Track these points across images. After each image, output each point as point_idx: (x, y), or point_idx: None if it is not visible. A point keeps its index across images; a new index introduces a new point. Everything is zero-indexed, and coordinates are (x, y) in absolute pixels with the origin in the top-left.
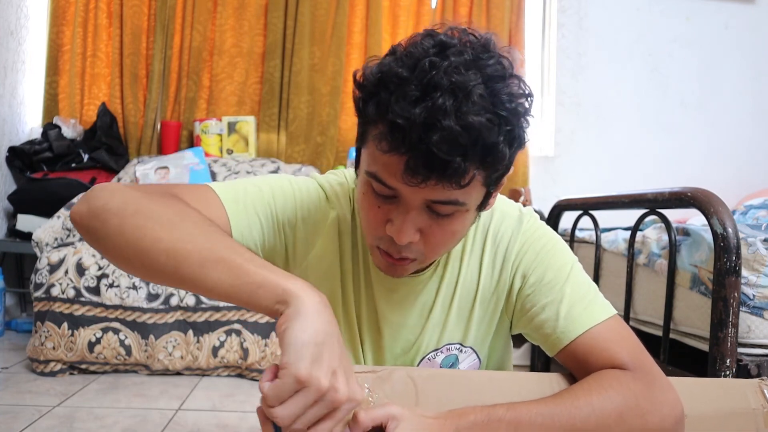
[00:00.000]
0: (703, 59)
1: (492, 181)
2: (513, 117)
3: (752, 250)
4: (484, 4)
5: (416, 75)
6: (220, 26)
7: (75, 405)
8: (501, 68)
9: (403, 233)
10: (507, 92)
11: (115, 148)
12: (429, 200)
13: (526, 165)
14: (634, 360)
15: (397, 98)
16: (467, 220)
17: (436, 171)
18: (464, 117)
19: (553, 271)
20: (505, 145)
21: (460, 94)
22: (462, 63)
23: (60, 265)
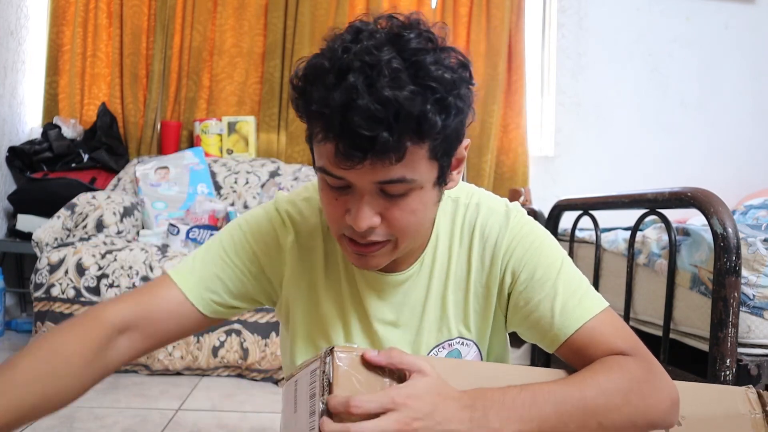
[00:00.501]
0: (703, 59)
1: (440, 154)
2: (442, 85)
3: (752, 250)
4: (484, 4)
5: (332, 63)
6: (220, 26)
7: (75, 405)
8: (425, 42)
9: (359, 219)
10: (433, 63)
11: (115, 148)
12: (377, 182)
13: (526, 165)
14: (632, 348)
15: (317, 88)
16: (425, 198)
17: (366, 150)
18: (379, 92)
19: (544, 268)
20: (435, 114)
21: (372, 71)
22: (375, 43)
23: (60, 265)
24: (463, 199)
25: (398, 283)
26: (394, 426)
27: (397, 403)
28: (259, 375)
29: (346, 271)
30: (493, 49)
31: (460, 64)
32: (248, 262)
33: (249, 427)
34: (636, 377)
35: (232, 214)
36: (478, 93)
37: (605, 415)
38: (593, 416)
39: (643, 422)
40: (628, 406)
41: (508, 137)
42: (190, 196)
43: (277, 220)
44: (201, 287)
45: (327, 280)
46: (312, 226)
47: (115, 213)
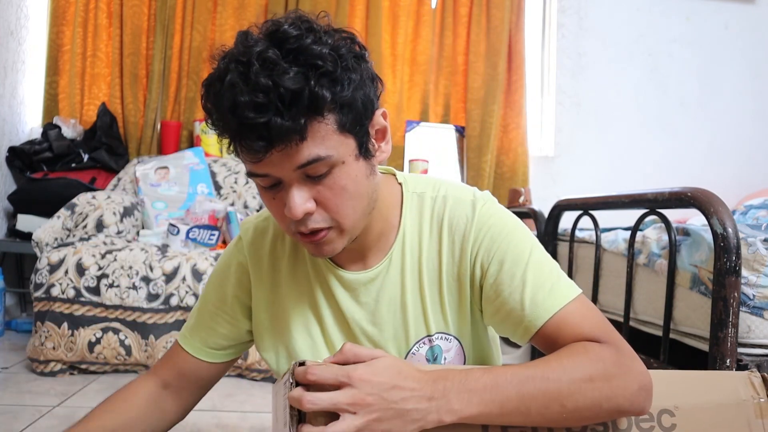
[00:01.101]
0: (703, 59)
1: (349, 125)
2: (325, 61)
3: (752, 250)
4: (484, 4)
5: (216, 74)
6: (220, 26)
7: (75, 405)
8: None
9: (292, 208)
10: (313, 43)
11: (115, 148)
12: (296, 168)
13: (526, 165)
14: (603, 334)
15: (211, 101)
16: (352, 172)
17: (266, 138)
18: (255, 82)
19: (512, 258)
20: (323, 88)
21: (242, 67)
22: (249, 43)
23: (60, 265)
24: (430, 193)
25: (368, 281)
26: (347, 400)
27: (353, 378)
28: (259, 375)
29: (317, 276)
30: (493, 49)
31: (345, 39)
32: (230, 303)
33: (249, 427)
34: (602, 360)
35: (232, 214)
36: (476, 90)
37: (568, 398)
38: (556, 398)
39: (609, 406)
40: (592, 389)
41: (508, 137)
42: (190, 196)
43: (236, 249)
44: (203, 345)
45: (296, 287)
46: (272, 239)
47: (115, 213)
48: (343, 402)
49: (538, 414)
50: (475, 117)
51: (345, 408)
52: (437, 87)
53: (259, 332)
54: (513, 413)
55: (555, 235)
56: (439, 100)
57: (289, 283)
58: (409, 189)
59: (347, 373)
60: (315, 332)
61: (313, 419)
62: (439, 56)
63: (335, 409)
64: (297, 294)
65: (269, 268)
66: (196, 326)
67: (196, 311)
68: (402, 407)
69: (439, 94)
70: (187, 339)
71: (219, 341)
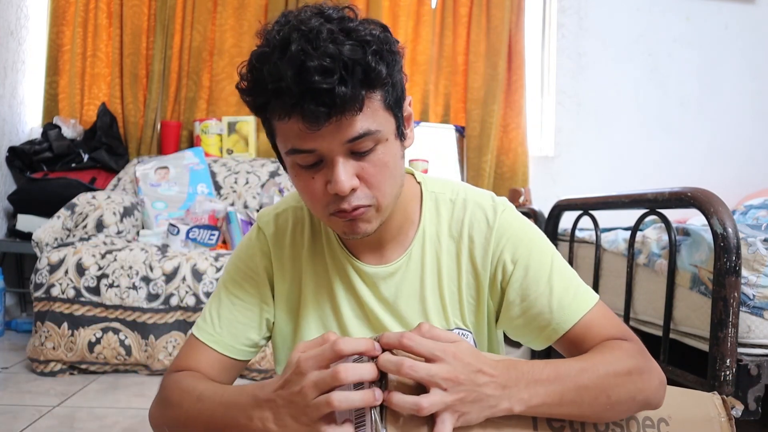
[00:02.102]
0: (703, 59)
1: (392, 103)
2: (372, 39)
3: (752, 250)
4: (484, 4)
5: (271, 45)
6: (220, 26)
7: (75, 405)
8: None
9: (340, 183)
10: (358, 25)
11: (115, 148)
12: (345, 142)
13: (526, 165)
14: (625, 335)
15: (266, 70)
16: (392, 150)
17: (329, 105)
18: (323, 49)
19: (537, 264)
20: (377, 63)
21: (311, 35)
22: (304, 18)
23: (60, 265)
24: (449, 195)
25: (388, 275)
26: (443, 374)
27: (447, 354)
28: (259, 375)
29: (335, 267)
30: (493, 49)
31: (380, 26)
32: (255, 290)
33: None
34: (633, 356)
35: (232, 214)
36: (476, 90)
37: (613, 390)
38: (604, 391)
39: (641, 399)
40: (630, 382)
41: (508, 137)
42: (190, 196)
43: (257, 241)
44: (234, 342)
45: (315, 278)
46: (292, 230)
47: (115, 213)
48: (438, 375)
49: (588, 405)
50: (475, 117)
51: (438, 382)
52: (437, 87)
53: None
54: (569, 404)
55: (555, 235)
56: (439, 100)
57: (309, 274)
58: (428, 188)
59: (443, 348)
60: (331, 323)
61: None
62: (439, 56)
63: (429, 381)
64: (316, 285)
65: (290, 258)
66: (226, 323)
67: (219, 307)
68: (483, 392)
69: (439, 94)
70: (211, 336)
71: (252, 337)
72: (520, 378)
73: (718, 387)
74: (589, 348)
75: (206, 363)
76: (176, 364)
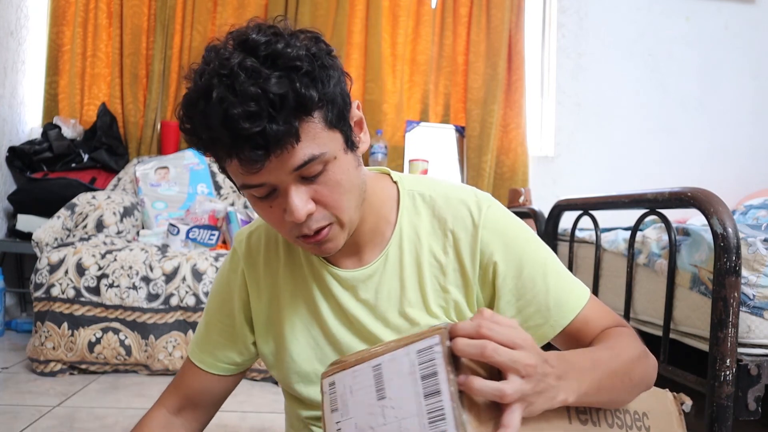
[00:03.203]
0: (703, 59)
1: (334, 121)
2: (303, 62)
3: (752, 250)
4: (484, 4)
5: (197, 92)
6: (220, 26)
7: (75, 405)
8: (271, 35)
9: (295, 212)
10: (286, 47)
11: (115, 148)
12: (292, 171)
13: (526, 165)
14: (620, 322)
15: (196, 120)
16: (343, 166)
17: (263, 146)
18: (244, 92)
19: (531, 263)
20: (308, 88)
21: (230, 78)
22: (225, 56)
23: (60, 265)
24: (428, 192)
25: (366, 278)
26: (526, 361)
27: (527, 342)
28: (259, 375)
29: (313, 276)
30: (493, 49)
31: (312, 39)
32: (237, 319)
33: (249, 427)
34: (637, 341)
35: (232, 214)
36: (476, 90)
37: (634, 372)
38: (627, 374)
39: (648, 380)
40: (644, 364)
41: (508, 137)
42: (190, 196)
43: (232, 262)
44: (213, 358)
45: (293, 290)
46: (266, 246)
47: (115, 213)
48: (521, 362)
49: (617, 390)
50: (475, 117)
51: (519, 369)
52: (437, 87)
53: (260, 338)
54: (605, 390)
55: (555, 235)
56: (439, 100)
57: (287, 286)
58: (405, 187)
59: (523, 335)
60: (315, 332)
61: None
62: (439, 56)
63: (511, 366)
64: (294, 296)
65: (265, 275)
66: (207, 343)
67: (203, 327)
68: (548, 383)
69: (439, 94)
70: (198, 355)
71: (232, 357)
72: (570, 369)
73: (718, 387)
74: (589, 340)
75: (195, 382)
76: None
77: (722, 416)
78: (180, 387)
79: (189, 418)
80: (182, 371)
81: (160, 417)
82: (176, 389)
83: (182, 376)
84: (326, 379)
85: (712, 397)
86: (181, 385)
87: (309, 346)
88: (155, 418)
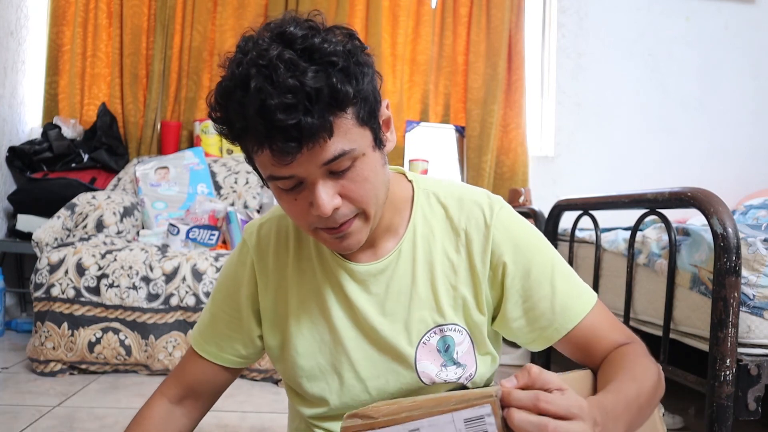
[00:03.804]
0: (703, 59)
1: (366, 118)
2: (339, 57)
3: (752, 250)
4: (484, 4)
5: (233, 81)
6: (220, 26)
7: (75, 405)
8: (307, 29)
9: (322, 206)
10: (322, 42)
11: (115, 148)
12: (322, 165)
13: (526, 165)
14: (626, 336)
15: (231, 109)
16: (371, 163)
17: (297, 139)
18: (282, 84)
19: (539, 266)
20: (344, 84)
21: (269, 70)
22: (263, 47)
23: (60, 265)
24: (442, 192)
25: (378, 272)
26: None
27: (583, 410)
28: (259, 375)
29: (324, 272)
30: (493, 49)
31: (347, 35)
32: (245, 312)
33: (249, 427)
34: (651, 360)
35: (232, 214)
36: (476, 90)
37: (655, 398)
38: (651, 403)
39: (657, 400)
40: (660, 386)
41: (508, 137)
42: (190, 196)
43: (241, 254)
44: (218, 349)
45: (302, 284)
46: (276, 240)
47: (115, 213)
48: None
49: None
50: (475, 117)
51: None
52: (437, 87)
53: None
54: (630, 427)
55: (555, 235)
56: (439, 100)
57: (295, 279)
58: (420, 186)
59: (579, 404)
60: (321, 326)
61: None
62: (439, 56)
63: None
64: (302, 290)
65: (275, 267)
66: (212, 334)
67: (208, 318)
68: None
69: (439, 94)
70: (202, 346)
71: (238, 349)
72: (607, 418)
73: (718, 387)
74: (596, 349)
75: (201, 373)
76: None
77: (722, 416)
78: (182, 376)
79: (190, 408)
80: (184, 361)
81: (161, 406)
82: (178, 379)
83: (184, 366)
84: None
85: (712, 397)
86: (182, 374)
87: (314, 341)
88: (156, 407)
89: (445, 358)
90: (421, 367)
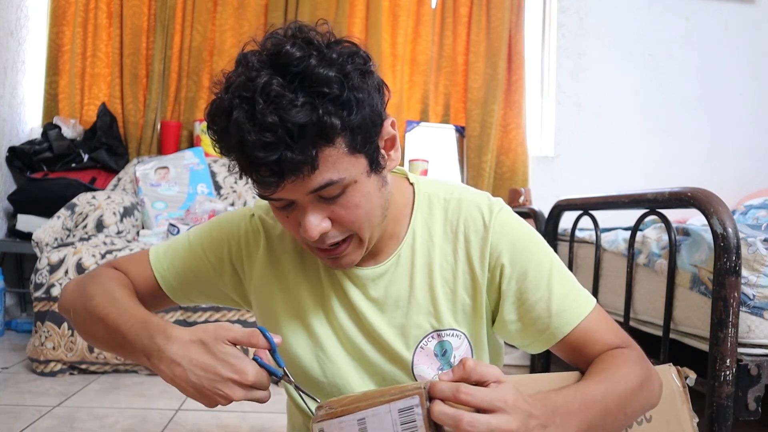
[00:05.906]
0: (703, 59)
1: (359, 146)
2: (331, 86)
3: (752, 250)
4: (484, 4)
5: (220, 106)
6: (220, 26)
7: (75, 405)
8: (306, 46)
9: (309, 230)
10: (318, 64)
11: (115, 148)
12: (309, 192)
13: (526, 165)
14: (624, 341)
15: (218, 131)
16: (364, 189)
17: (278, 173)
18: (262, 121)
19: (536, 268)
20: (332, 116)
21: (246, 105)
22: (253, 73)
23: (60, 265)
24: (443, 194)
25: (377, 276)
26: (504, 426)
27: (508, 404)
28: None
29: (327, 272)
30: (493, 49)
31: (348, 53)
32: (220, 257)
33: (249, 427)
34: (639, 366)
35: None
36: (476, 90)
37: (629, 405)
38: (623, 408)
39: (649, 405)
40: (642, 395)
41: (508, 137)
42: (190, 196)
43: (250, 227)
44: (171, 275)
45: (305, 278)
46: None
47: (115, 213)
48: (499, 429)
49: (609, 426)
50: (475, 117)
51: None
52: (437, 87)
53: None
54: (595, 429)
55: (555, 235)
56: (439, 100)
57: (298, 273)
58: (421, 189)
59: (502, 397)
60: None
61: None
62: (439, 56)
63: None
64: (307, 286)
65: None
66: (175, 258)
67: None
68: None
69: (439, 94)
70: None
71: (189, 286)
72: (555, 413)
73: (718, 387)
74: (590, 353)
75: (142, 280)
76: (119, 263)
77: (722, 416)
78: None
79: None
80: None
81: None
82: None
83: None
84: (316, 425)
85: (712, 397)
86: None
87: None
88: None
89: (442, 362)
90: (418, 371)
